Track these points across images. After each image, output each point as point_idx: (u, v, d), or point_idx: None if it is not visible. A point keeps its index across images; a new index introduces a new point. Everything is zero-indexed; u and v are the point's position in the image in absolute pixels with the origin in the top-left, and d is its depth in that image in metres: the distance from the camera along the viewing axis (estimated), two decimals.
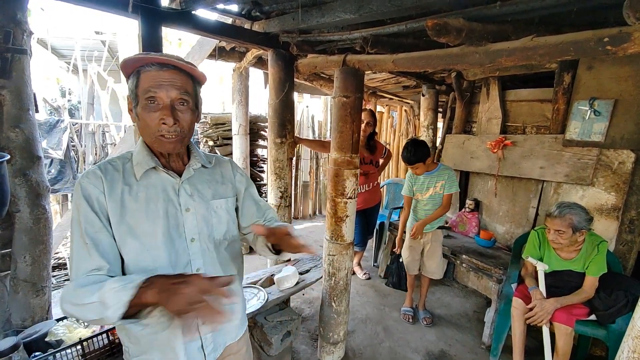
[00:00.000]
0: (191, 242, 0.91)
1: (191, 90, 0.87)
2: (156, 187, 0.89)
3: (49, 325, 1.59)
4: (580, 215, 1.79)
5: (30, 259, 1.62)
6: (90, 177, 0.84)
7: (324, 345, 2.15)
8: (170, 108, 0.82)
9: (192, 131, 0.91)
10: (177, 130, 0.84)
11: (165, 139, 0.84)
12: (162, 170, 0.89)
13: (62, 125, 4.53)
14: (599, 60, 2.25)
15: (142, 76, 0.82)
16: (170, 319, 0.86)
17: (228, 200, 1.01)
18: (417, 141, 2.34)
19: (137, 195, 0.86)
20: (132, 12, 1.52)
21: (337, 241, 2.00)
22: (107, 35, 6.29)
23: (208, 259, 0.95)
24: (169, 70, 0.82)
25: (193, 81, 0.88)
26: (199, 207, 0.93)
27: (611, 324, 1.84)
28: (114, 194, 0.84)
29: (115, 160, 0.91)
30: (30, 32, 1.60)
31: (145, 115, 0.83)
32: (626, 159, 2.16)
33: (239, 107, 3.52)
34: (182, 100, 0.84)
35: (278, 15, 1.94)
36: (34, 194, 1.60)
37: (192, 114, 0.88)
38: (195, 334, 0.94)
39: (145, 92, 0.81)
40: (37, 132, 1.62)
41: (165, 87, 0.81)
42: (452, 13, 1.33)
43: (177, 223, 0.90)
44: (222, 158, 1.10)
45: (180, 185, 0.91)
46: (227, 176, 1.05)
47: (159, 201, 0.88)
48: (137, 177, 0.87)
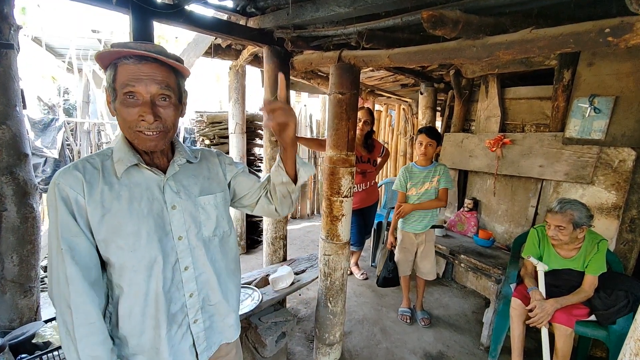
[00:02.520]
0: (179, 240, 0.88)
1: (173, 84, 0.82)
2: (140, 185, 0.85)
3: (36, 326, 1.55)
4: (581, 211, 1.77)
5: (18, 259, 1.59)
6: (67, 178, 0.79)
7: (319, 347, 2.12)
8: (150, 104, 0.78)
9: (175, 127, 0.87)
10: (159, 127, 0.80)
11: (146, 135, 0.80)
12: (145, 167, 0.85)
13: (56, 124, 4.49)
14: (599, 56, 2.21)
15: (120, 69, 0.77)
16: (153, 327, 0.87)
17: (217, 195, 0.98)
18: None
19: (119, 194, 0.82)
20: (122, 6, 1.49)
21: (333, 241, 1.97)
22: (103, 34, 6.26)
23: (197, 257, 0.92)
24: (149, 64, 0.77)
25: (176, 74, 0.83)
26: (186, 204, 0.90)
27: (612, 324, 1.81)
28: (94, 194, 0.80)
29: (94, 158, 0.86)
30: (17, 26, 1.57)
31: (123, 111, 0.78)
32: (627, 157, 2.13)
33: (236, 106, 3.48)
34: (163, 96, 0.79)
35: (273, 10, 1.91)
36: (21, 193, 1.57)
37: (175, 110, 0.84)
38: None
39: (123, 87, 0.76)
40: (24, 129, 1.59)
41: (144, 81, 0.76)
42: (448, 5, 1.29)
43: (163, 221, 0.86)
44: (208, 151, 1.05)
45: (165, 182, 0.88)
46: (214, 170, 1.02)
47: (142, 200, 0.84)
48: (118, 175, 0.83)
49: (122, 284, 0.84)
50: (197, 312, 0.93)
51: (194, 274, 0.91)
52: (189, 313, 0.92)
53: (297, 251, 4.10)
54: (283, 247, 2.40)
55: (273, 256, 2.39)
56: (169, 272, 0.87)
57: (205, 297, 0.95)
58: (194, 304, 0.92)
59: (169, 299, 0.87)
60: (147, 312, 0.85)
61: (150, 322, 0.86)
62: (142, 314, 0.85)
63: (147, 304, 0.85)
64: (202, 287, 0.94)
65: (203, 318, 0.95)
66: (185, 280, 0.90)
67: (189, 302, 0.91)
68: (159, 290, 0.85)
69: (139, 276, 0.83)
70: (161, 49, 0.82)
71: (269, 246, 2.38)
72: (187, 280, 0.90)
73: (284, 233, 2.38)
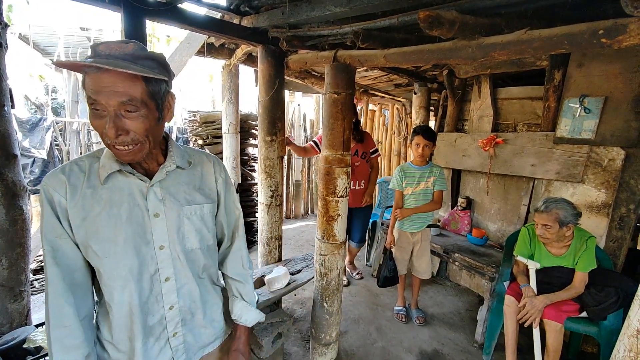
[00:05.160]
0: (160, 249, 0.85)
1: (140, 94, 0.73)
2: (122, 190, 0.82)
3: (27, 331, 1.52)
4: (566, 210, 1.80)
5: (7, 262, 1.55)
6: (52, 181, 0.79)
7: (316, 347, 2.12)
8: (114, 117, 0.71)
9: (154, 135, 0.80)
10: (127, 140, 0.74)
11: (118, 150, 0.75)
12: (129, 173, 0.83)
13: (44, 124, 4.40)
14: (589, 57, 2.25)
15: (86, 78, 0.71)
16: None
17: (203, 207, 0.93)
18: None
19: (100, 199, 0.80)
20: (114, 4, 1.46)
21: (329, 241, 1.97)
22: (92, 32, 6.13)
23: (179, 268, 0.88)
24: (109, 72, 0.69)
25: (147, 81, 0.74)
26: (170, 212, 0.86)
27: (602, 320, 1.85)
28: (76, 197, 0.79)
29: (83, 160, 0.84)
30: (5, 24, 1.53)
31: (92, 122, 0.74)
32: (616, 156, 2.17)
33: (229, 105, 3.46)
34: (128, 107, 0.72)
35: (267, 9, 1.89)
36: (10, 194, 1.53)
37: (146, 119, 0.75)
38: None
39: (89, 97, 0.71)
40: (13, 129, 1.54)
41: (104, 93, 0.69)
42: (445, 5, 1.30)
43: (144, 229, 0.83)
44: (207, 157, 1.00)
45: (149, 189, 0.84)
46: (207, 179, 0.97)
47: (122, 205, 0.81)
48: (101, 180, 0.81)
49: (101, 290, 0.84)
50: (176, 325, 0.90)
51: (176, 285, 0.88)
52: (167, 326, 0.88)
53: (292, 251, 4.09)
54: (278, 248, 2.39)
55: (268, 256, 2.37)
56: (147, 283, 0.84)
57: (186, 310, 0.91)
58: (173, 317, 0.89)
59: (145, 311, 0.84)
60: (121, 322, 0.84)
61: (125, 333, 0.84)
62: (117, 324, 0.84)
63: (121, 314, 0.83)
64: (184, 300, 0.91)
65: (183, 331, 0.92)
66: (165, 291, 0.87)
67: (169, 315, 0.88)
68: (133, 301, 0.82)
69: (114, 284, 0.81)
70: (133, 49, 0.74)
71: (264, 246, 2.37)
72: (168, 291, 0.87)
73: (279, 233, 2.36)
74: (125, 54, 0.72)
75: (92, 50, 0.73)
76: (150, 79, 0.75)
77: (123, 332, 0.84)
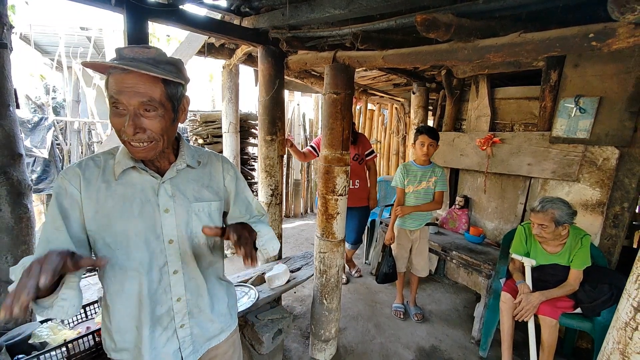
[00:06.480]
0: (169, 243, 0.89)
1: (159, 95, 0.78)
2: (134, 186, 0.87)
3: (32, 327, 1.55)
4: (562, 210, 1.83)
5: (12, 259, 1.57)
6: (68, 174, 0.84)
7: (315, 343, 2.15)
8: (133, 116, 0.76)
9: (169, 135, 0.85)
10: (144, 138, 0.79)
11: (133, 147, 0.80)
12: (142, 170, 0.87)
13: (46, 123, 4.41)
14: (584, 58, 2.28)
15: (110, 78, 0.77)
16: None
17: (211, 204, 0.97)
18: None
19: (113, 193, 0.85)
20: (116, 5, 1.49)
21: (328, 238, 2.00)
22: (93, 32, 6.15)
23: (187, 262, 0.93)
24: (133, 74, 0.74)
25: (166, 83, 0.79)
26: (180, 208, 0.90)
27: (596, 316, 1.88)
28: (90, 191, 0.83)
29: (99, 156, 0.89)
30: (10, 25, 1.55)
31: (112, 120, 0.79)
32: (610, 155, 2.21)
33: (229, 105, 3.48)
34: (147, 107, 0.77)
35: (267, 11, 1.92)
36: (16, 193, 1.55)
37: (163, 119, 0.80)
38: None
39: (111, 97, 0.77)
40: (17, 129, 1.57)
41: (127, 93, 0.75)
42: (441, 9, 1.33)
43: (154, 224, 0.87)
44: (215, 157, 1.04)
45: (160, 185, 0.88)
46: (216, 178, 1.01)
47: (134, 201, 0.86)
48: (115, 175, 0.85)
49: (107, 282, 0.87)
50: (184, 316, 0.94)
51: (183, 278, 0.92)
52: (175, 317, 0.92)
53: (292, 249, 4.12)
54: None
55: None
56: (156, 274, 0.88)
57: (193, 303, 0.95)
58: (181, 309, 0.93)
59: (154, 301, 0.88)
60: (130, 311, 0.87)
61: (132, 322, 0.88)
62: (126, 313, 0.88)
63: (130, 304, 0.87)
64: (191, 293, 0.95)
65: (190, 323, 0.95)
66: (173, 283, 0.91)
67: (176, 307, 0.92)
68: (142, 291, 0.86)
69: (125, 274, 0.85)
70: (155, 54, 0.79)
71: None
72: (175, 283, 0.91)
73: (279, 232, 2.40)
74: (148, 58, 0.78)
75: (117, 53, 0.79)
76: (169, 82, 0.80)
77: (131, 321, 0.88)
